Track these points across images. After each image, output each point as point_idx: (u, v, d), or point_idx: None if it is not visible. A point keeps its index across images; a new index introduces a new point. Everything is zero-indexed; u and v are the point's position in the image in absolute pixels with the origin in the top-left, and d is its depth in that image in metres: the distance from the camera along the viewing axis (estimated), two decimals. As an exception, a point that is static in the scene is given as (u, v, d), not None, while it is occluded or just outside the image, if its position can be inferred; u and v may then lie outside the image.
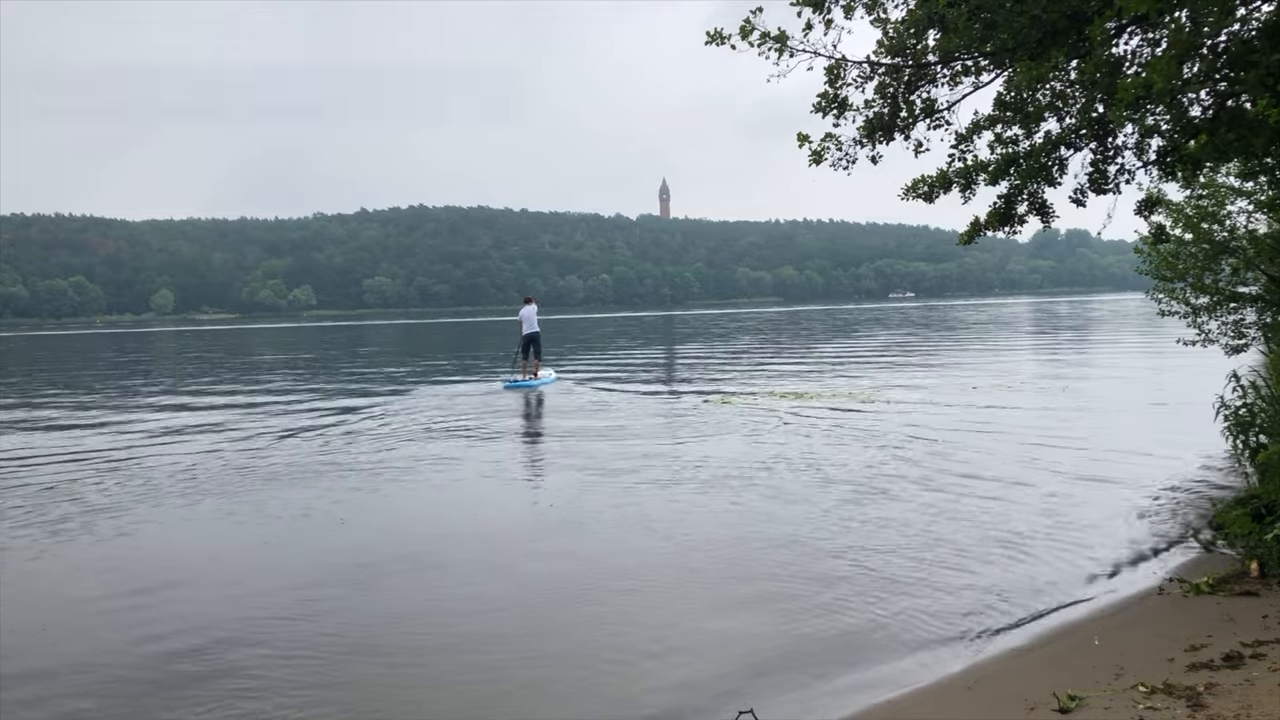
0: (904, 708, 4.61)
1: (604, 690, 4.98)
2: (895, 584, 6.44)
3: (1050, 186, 7.59)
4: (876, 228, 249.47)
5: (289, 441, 13.52)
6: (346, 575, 7.06)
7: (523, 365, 21.47)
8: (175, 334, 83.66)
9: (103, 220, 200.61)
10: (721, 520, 8.34)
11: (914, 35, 7.29)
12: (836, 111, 7.64)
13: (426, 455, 12.11)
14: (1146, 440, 11.55)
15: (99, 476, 11.05)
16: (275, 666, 5.31)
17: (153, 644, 5.72)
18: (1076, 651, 5.12)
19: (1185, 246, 11.23)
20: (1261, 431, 7.67)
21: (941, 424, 13.39)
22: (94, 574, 7.25)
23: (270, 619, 6.09)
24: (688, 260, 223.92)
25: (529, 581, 6.82)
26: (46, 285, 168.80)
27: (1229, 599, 5.70)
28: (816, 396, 17.36)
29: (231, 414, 17.51)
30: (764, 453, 11.45)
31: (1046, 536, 7.52)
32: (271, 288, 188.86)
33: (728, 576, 6.78)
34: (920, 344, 35.32)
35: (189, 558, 7.67)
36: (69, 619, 6.30)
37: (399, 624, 6.01)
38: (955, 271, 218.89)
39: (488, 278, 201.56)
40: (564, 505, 9.12)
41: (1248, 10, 5.80)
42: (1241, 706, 3.98)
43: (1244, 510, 6.91)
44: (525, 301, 22.52)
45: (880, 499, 8.89)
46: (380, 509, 9.38)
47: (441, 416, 16.15)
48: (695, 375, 24.84)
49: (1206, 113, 6.13)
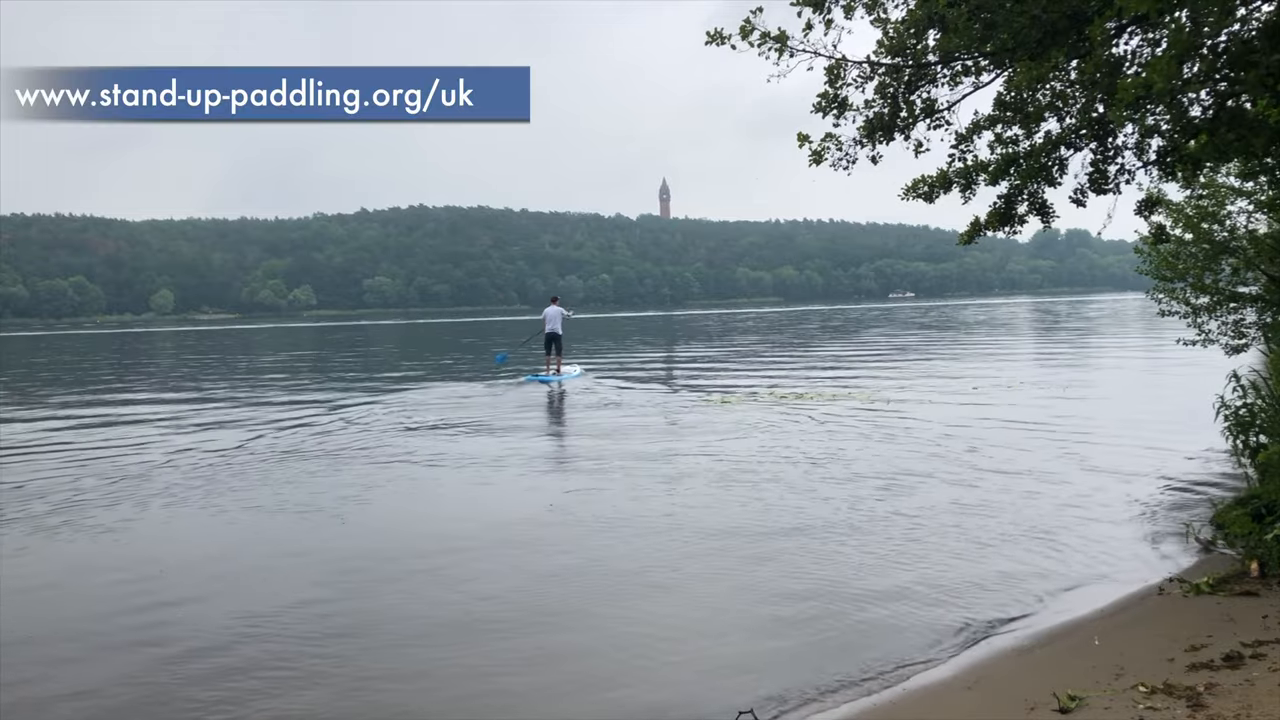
0: (904, 708, 4.61)
1: (604, 690, 4.98)
2: (895, 584, 6.44)
3: (1050, 186, 7.59)
4: (876, 228, 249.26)
5: (296, 437, 13.54)
6: (346, 573, 7.07)
7: (546, 361, 22.73)
8: (190, 333, 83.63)
9: (103, 220, 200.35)
10: (723, 517, 8.33)
11: (914, 35, 7.29)
12: (836, 111, 7.64)
13: (447, 450, 12.12)
14: (1146, 440, 11.54)
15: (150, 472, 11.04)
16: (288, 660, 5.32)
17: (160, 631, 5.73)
18: (1076, 651, 5.12)
19: (1185, 246, 11.23)
20: (1261, 431, 7.67)
21: (943, 422, 13.40)
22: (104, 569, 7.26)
23: (273, 615, 6.10)
24: (688, 260, 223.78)
25: (529, 582, 6.82)
26: (46, 285, 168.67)
27: (1229, 599, 5.69)
28: (816, 397, 17.37)
29: (242, 411, 17.53)
30: (776, 450, 11.46)
31: (1046, 536, 7.52)
32: (271, 288, 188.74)
33: (729, 576, 6.78)
34: (929, 345, 35.30)
35: (223, 556, 7.69)
36: (71, 626, 6.30)
37: (401, 624, 6.02)
38: (955, 271, 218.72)
39: (488, 278, 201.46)
40: (567, 501, 9.12)
41: (1248, 10, 5.80)
42: (1241, 706, 3.98)
43: (1244, 510, 6.91)
44: (550, 301, 23.70)
45: (881, 497, 8.88)
46: (399, 507, 9.38)
47: (451, 412, 16.18)
48: (707, 373, 24.85)
49: (1206, 113, 6.13)
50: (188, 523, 8.84)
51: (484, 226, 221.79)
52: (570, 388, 20.73)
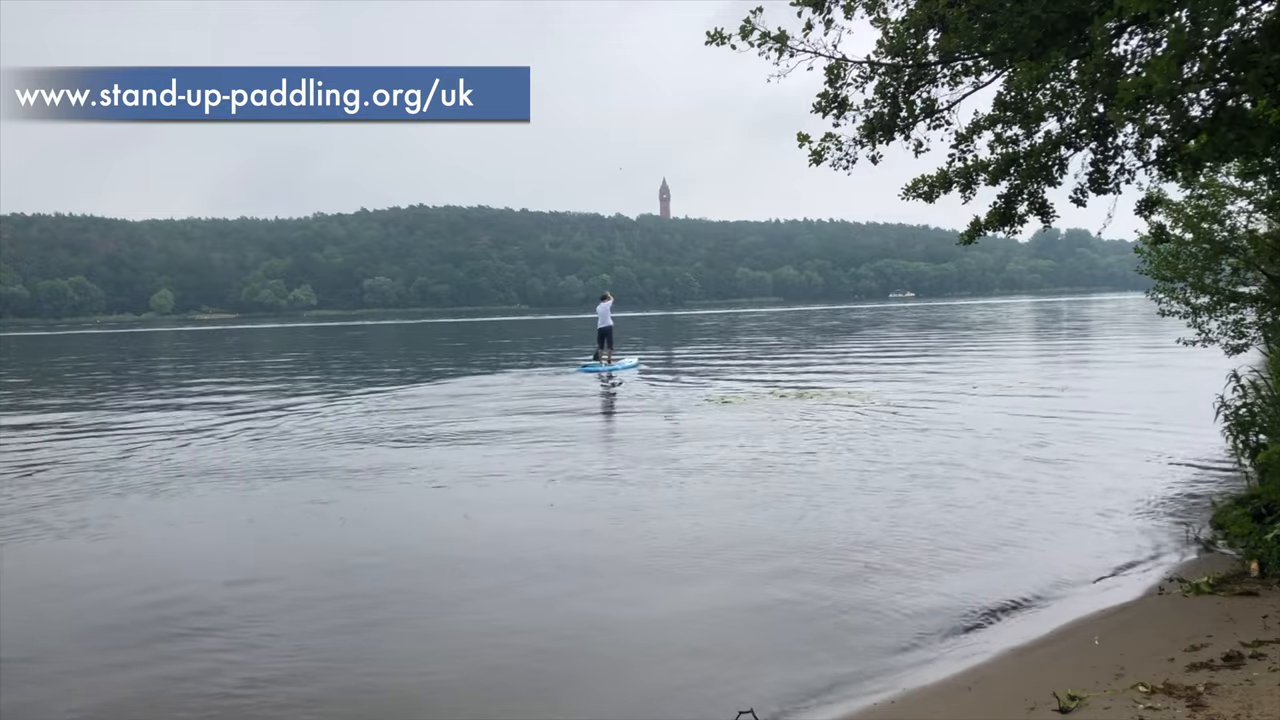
0: (904, 707, 4.61)
1: (603, 688, 4.98)
2: (895, 584, 6.43)
3: (1050, 186, 7.60)
4: (876, 227, 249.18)
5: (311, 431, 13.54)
6: (346, 570, 7.08)
7: (598, 353, 25.06)
8: (185, 333, 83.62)
9: (103, 220, 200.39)
10: (731, 515, 8.34)
11: (914, 35, 7.30)
12: (836, 111, 7.65)
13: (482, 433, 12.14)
14: (1146, 440, 11.54)
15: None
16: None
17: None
18: (1076, 651, 5.12)
19: (1185, 246, 11.22)
20: (1261, 431, 7.67)
21: (949, 422, 13.40)
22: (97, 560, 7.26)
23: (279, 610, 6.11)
24: (687, 260, 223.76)
25: (528, 580, 6.82)
26: (46, 285, 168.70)
27: (1229, 599, 5.69)
28: (816, 395, 17.38)
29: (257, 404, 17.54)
30: (780, 448, 11.47)
31: (1045, 536, 7.52)
32: (271, 288, 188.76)
33: (730, 575, 6.78)
34: (933, 345, 35.30)
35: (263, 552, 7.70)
36: (65, 619, 6.31)
37: (405, 622, 6.03)
38: (955, 271, 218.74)
39: (488, 278, 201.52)
40: (568, 499, 9.13)
41: (1248, 10, 5.81)
42: (1241, 706, 3.98)
43: (1244, 510, 6.91)
44: (601, 299, 25.68)
45: (878, 499, 8.89)
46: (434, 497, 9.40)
47: (491, 403, 16.71)
48: (717, 371, 24.84)
49: (1206, 113, 6.14)
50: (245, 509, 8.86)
51: (484, 226, 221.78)
52: (625, 377, 22.47)
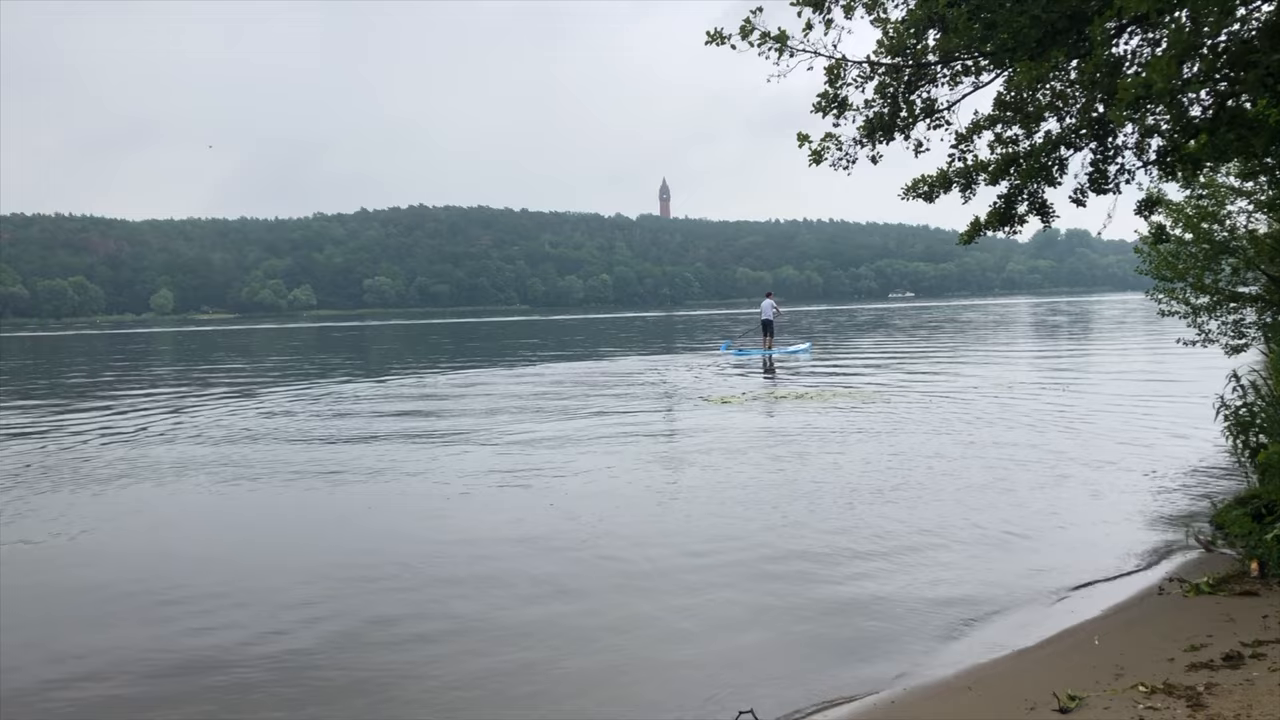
0: (904, 708, 4.61)
1: (604, 688, 4.98)
2: (895, 584, 6.44)
3: (1050, 186, 7.60)
4: (876, 227, 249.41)
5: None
6: (348, 567, 7.08)
7: (761, 340, 31.54)
8: (182, 334, 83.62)
9: (103, 220, 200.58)
10: (731, 514, 8.34)
11: (914, 35, 7.30)
12: (836, 111, 7.65)
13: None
14: (1146, 440, 11.54)
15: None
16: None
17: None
18: (1076, 651, 5.12)
19: (1185, 246, 11.22)
20: (1261, 431, 7.67)
21: (953, 421, 13.40)
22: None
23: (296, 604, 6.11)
24: (687, 260, 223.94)
25: (527, 580, 6.82)
26: (46, 285, 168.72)
27: (1229, 599, 5.69)
28: (817, 396, 17.39)
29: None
30: (775, 450, 11.47)
31: (1045, 536, 7.52)
32: (271, 288, 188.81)
33: (730, 574, 6.78)
34: (944, 345, 35.32)
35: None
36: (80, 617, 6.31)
37: (405, 622, 6.03)
38: (955, 271, 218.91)
39: (488, 278, 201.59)
40: (570, 496, 9.13)
41: (1248, 10, 5.81)
42: (1241, 706, 3.98)
43: (1244, 510, 6.91)
44: (765, 296, 32.09)
45: (873, 501, 8.88)
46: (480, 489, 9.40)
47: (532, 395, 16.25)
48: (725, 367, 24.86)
49: (1206, 113, 6.14)
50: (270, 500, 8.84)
51: (484, 226, 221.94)
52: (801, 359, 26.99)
